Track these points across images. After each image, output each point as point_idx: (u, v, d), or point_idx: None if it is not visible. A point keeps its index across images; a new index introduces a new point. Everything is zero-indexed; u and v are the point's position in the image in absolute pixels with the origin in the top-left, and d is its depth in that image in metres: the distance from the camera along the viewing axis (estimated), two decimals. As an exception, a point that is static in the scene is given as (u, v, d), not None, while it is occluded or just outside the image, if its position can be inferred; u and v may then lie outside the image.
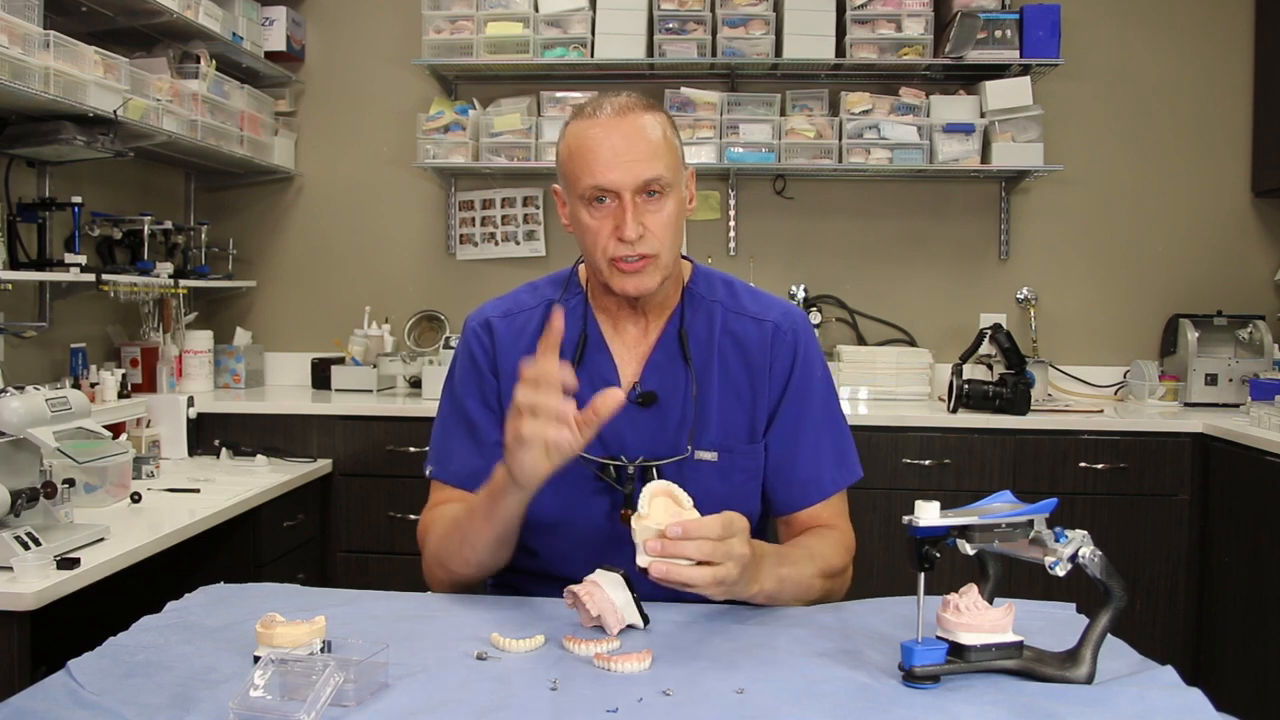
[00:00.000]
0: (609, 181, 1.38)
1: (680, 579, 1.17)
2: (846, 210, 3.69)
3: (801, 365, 1.52)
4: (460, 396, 1.56)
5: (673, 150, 1.43)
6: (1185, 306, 3.57)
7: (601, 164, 1.39)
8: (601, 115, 1.41)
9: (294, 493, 2.77)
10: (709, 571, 1.17)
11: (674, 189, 1.42)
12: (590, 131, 1.41)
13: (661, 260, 1.42)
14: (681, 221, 1.46)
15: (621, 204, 1.39)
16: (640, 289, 1.43)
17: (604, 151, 1.39)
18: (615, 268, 1.42)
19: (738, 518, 1.22)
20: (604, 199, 1.40)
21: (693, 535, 1.17)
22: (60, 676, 1.08)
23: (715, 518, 1.19)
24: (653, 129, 1.41)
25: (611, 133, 1.39)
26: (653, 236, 1.40)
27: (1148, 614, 2.99)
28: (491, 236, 3.74)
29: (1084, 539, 1.08)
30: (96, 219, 2.97)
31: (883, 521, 2.89)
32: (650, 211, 1.40)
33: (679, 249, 1.47)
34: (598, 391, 1.48)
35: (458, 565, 1.43)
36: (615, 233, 1.39)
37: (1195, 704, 1.03)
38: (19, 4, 2.28)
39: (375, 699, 1.02)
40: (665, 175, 1.40)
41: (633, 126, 1.40)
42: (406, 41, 3.62)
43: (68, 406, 1.87)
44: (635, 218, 1.38)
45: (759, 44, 3.40)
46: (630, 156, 1.38)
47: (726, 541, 1.19)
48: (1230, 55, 3.59)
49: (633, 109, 1.42)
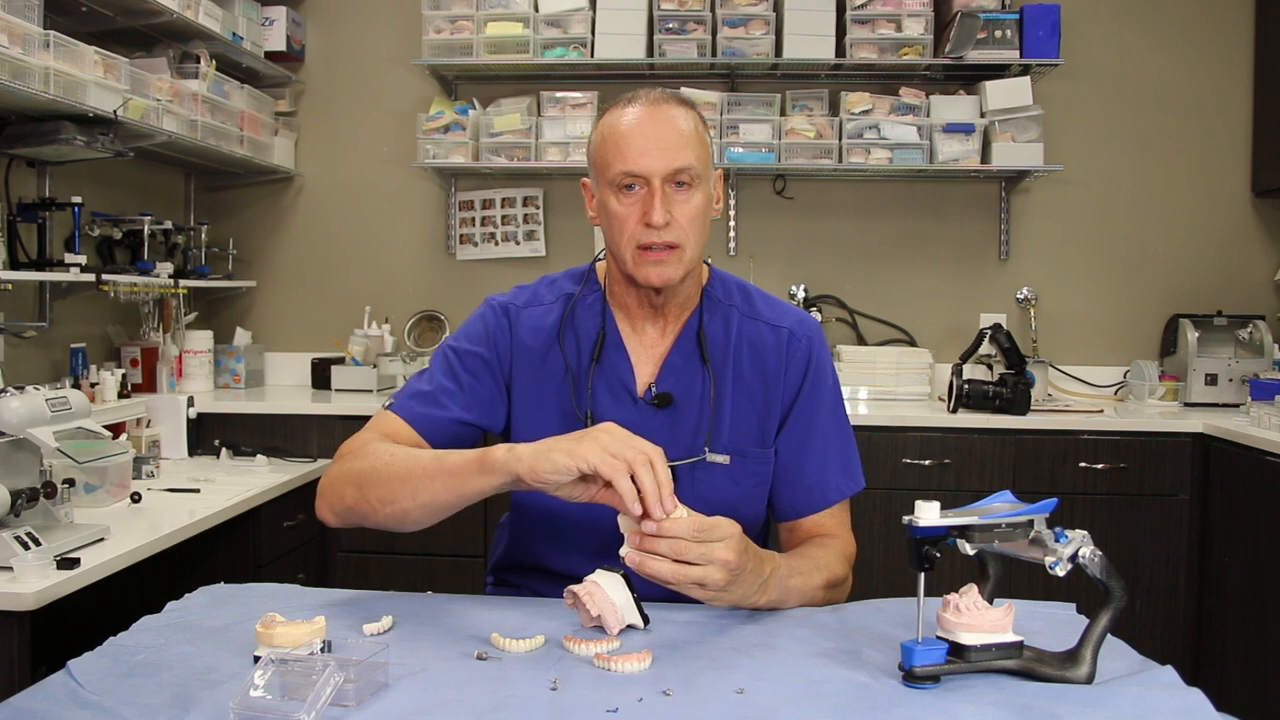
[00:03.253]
0: (640, 167, 1.40)
1: (651, 570, 1.16)
2: (846, 210, 3.69)
3: (814, 373, 1.53)
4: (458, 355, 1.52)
5: (704, 144, 1.45)
6: (1185, 306, 3.57)
7: (634, 150, 1.40)
8: (635, 106, 1.43)
9: (294, 493, 2.77)
10: (685, 570, 1.17)
11: (703, 182, 1.43)
12: (623, 120, 1.43)
13: (687, 253, 1.43)
14: (708, 218, 1.46)
15: (650, 190, 1.40)
16: (663, 279, 1.43)
17: (636, 139, 1.40)
18: (640, 256, 1.43)
19: (726, 523, 1.20)
20: (633, 185, 1.41)
21: (666, 533, 1.16)
22: (60, 676, 1.08)
23: (692, 519, 1.18)
24: (685, 121, 1.43)
25: (644, 121, 1.41)
26: (679, 226, 1.41)
27: (1148, 614, 2.99)
28: (491, 236, 3.74)
29: (1084, 539, 1.08)
30: (96, 219, 2.97)
31: (883, 522, 2.89)
32: (678, 201, 1.41)
33: (703, 245, 1.47)
34: (613, 390, 1.50)
35: (378, 500, 1.32)
36: (643, 218, 1.40)
37: (1195, 704, 1.03)
38: (19, 4, 2.28)
39: (375, 699, 1.02)
40: (695, 166, 1.41)
41: (665, 116, 1.42)
42: (406, 41, 3.63)
43: (68, 406, 1.87)
44: (664, 204, 1.39)
45: (759, 44, 3.40)
46: (661, 144, 1.40)
47: (705, 545, 1.17)
48: (1230, 55, 3.59)
49: (666, 101, 1.44)
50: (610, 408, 1.50)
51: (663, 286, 1.45)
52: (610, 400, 1.50)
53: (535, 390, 1.52)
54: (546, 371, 1.52)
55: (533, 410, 1.52)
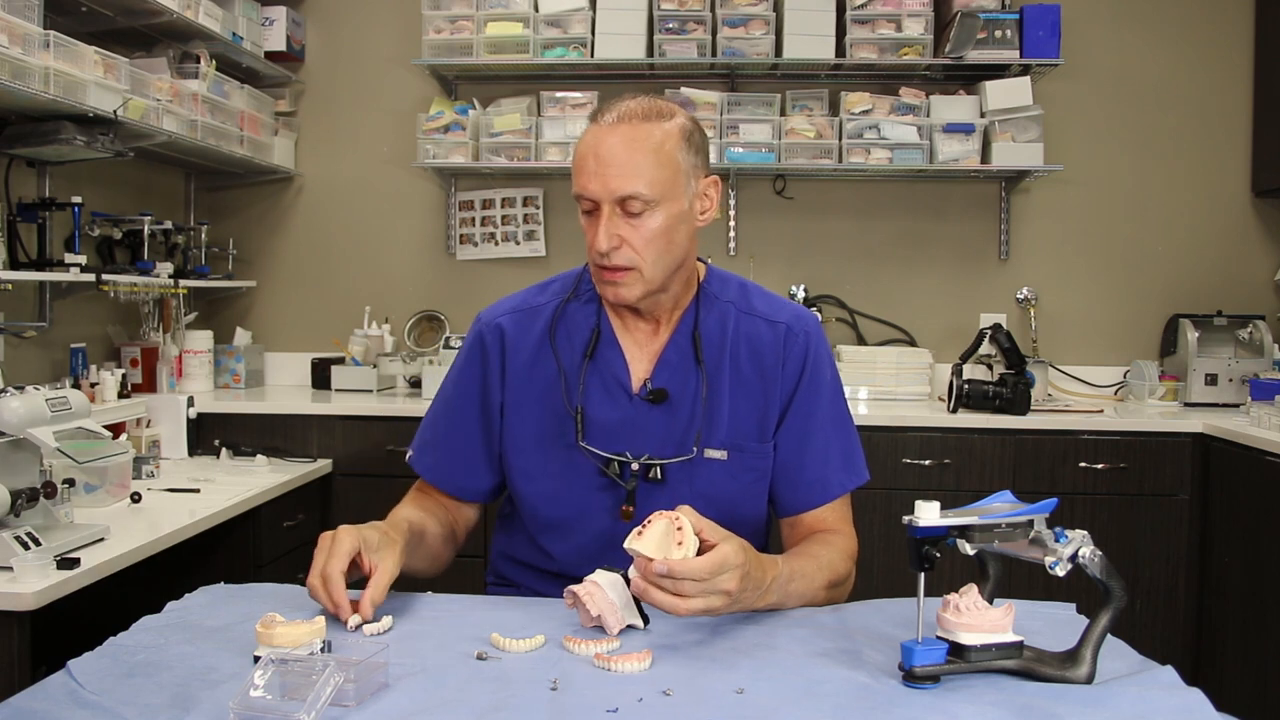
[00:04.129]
0: (588, 191, 1.39)
1: (653, 601, 1.16)
2: (846, 210, 3.69)
3: (812, 367, 1.52)
4: (457, 392, 1.57)
5: (668, 164, 1.39)
6: (1185, 306, 3.57)
7: (585, 173, 1.39)
8: (602, 121, 1.40)
9: (294, 493, 2.77)
10: (688, 603, 1.15)
11: (661, 204, 1.39)
12: (586, 137, 1.41)
13: (645, 274, 1.41)
14: (674, 235, 1.42)
15: (598, 215, 1.39)
16: (618, 299, 1.43)
17: (589, 160, 1.38)
18: (599, 274, 1.43)
19: (733, 555, 1.18)
20: (590, 209, 1.41)
21: (678, 576, 1.14)
22: (60, 676, 1.08)
23: (706, 560, 1.15)
24: (648, 140, 1.37)
25: (601, 142, 1.38)
26: (630, 249, 1.39)
27: (1148, 614, 2.99)
28: (491, 236, 3.74)
29: (1084, 539, 1.08)
30: (96, 219, 2.97)
31: (883, 522, 2.89)
32: (629, 225, 1.39)
33: (671, 263, 1.44)
34: (607, 386, 1.50)
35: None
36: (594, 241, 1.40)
37: (1195, 704, 1.03)
38: (19, 4, 2.28)
39: (375, 699, 1.02)
40: (645, 192, 1.36)
41: (624, 137, 1.37)
42: (406, 41, 3.62)
43: (68, 406, 1.87)
44: (608, 229, 1.38)
45: (759, 44, 3.40)
46: (609, 169, 1.36)
47: (712, 580, 1.16)
48: (1230, 55, 3.59)
49: (634, 117, 1.39)
50: (603, 404, 1.49)
51: (621, 305, 1.46)
52: (603, 396, 1.50)
53: (528, 390, 1.52)
54: (539, 370, 1.52)
55: (524, 408, 1.52)
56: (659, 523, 1.18)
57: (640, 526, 1.18)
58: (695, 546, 1.17)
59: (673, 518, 1.18)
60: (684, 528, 1.17)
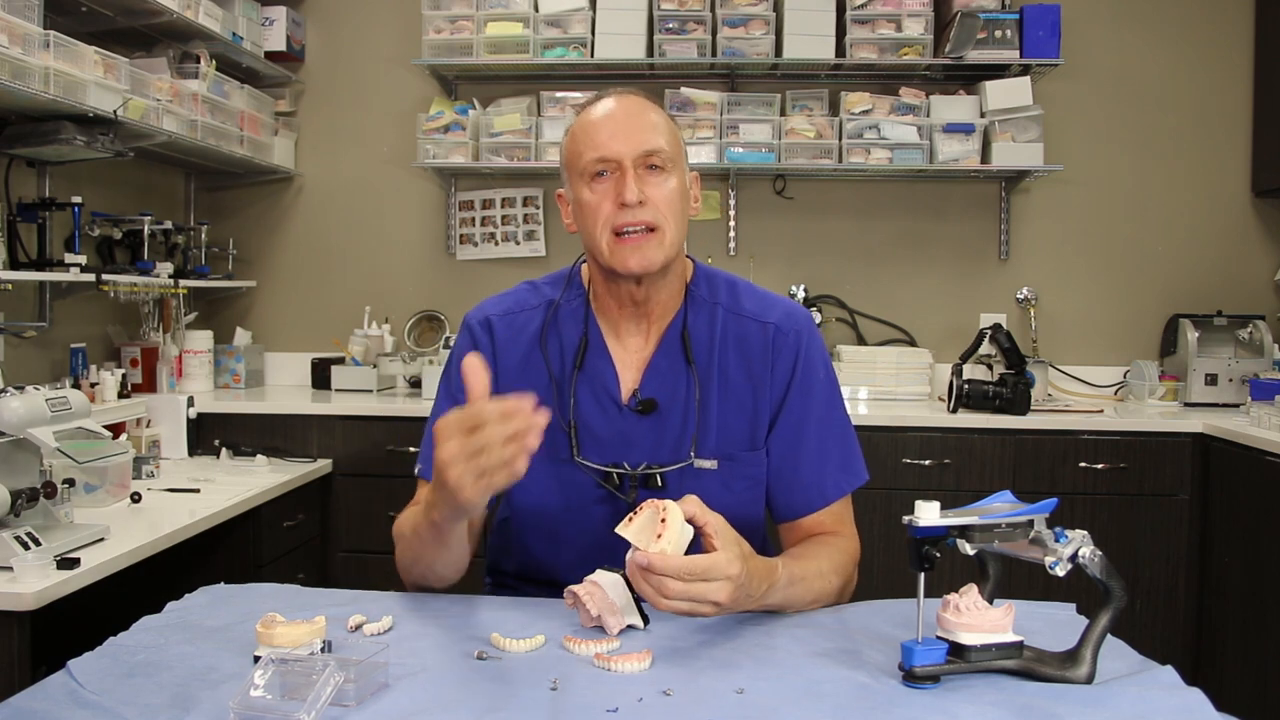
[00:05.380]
0: (610, 151, 1.39)
1: (639, 589, 1.15)
2: (846, 210, 3.69)
3: (803, 367, 1.47)
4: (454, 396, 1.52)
5: (675, 136, 1.45)
6: (1185, 306, 3.57)
7: (604, 135, 1.40)
8: (602, 101, 1.45)
9: (294, 493, 2.77)
10: (671, 604, 1.13)
11: (676, 167, 1.43)
12: (592, 114, 1.44)
13: (666, 236, 1.40)
14: (685, 206, 1.45)
15: (623, 172, 1.39)
16: (644, 263, 1.39)
17: (606, 125, 1.41)
18: (616, 243, 1.40)
19: (725, 565, 1.14)
20: (605, 171, 1.40)
21: (657, 571, 1.11)
22: (60, 676, 1.08)
23: (689, 560, 1.13)
24: (655, 112, 1.45)
25: (613, 110, 1.43)
26: (655, 207, 1.39)
27: (1148, 614, 2.99)
28: (491, 236, 3.74)
29: (1084, 539, 1.08)
30: (96, 219, 2.97)
31: (883, 522, 2.89)
32: (653, 183, 1.40)
33: (683, 233, 1.45)
34: (597, 398, 1.48)
35: (418, 577, 1.43)
36: (616, 200, 1.38)
37: (1195, 704, 1.03)
38: (19, 4, 2.28)
39: (375, 699, 1.02)
40: (666, 149, 1.41)
41: (634, 105, 1.44)
42: (406, 41, 3.62)
43: (68, 406, 1.87)
44: (636, 183, 1.38)
45: (759, 44, 3.40)
46: (631, 129, 1.40)
47: (696, 585, 1.12)
48: (1230, 55, 3.59)
49: (633, 94, 1.47)
50: (594, 416, 1.46)
51: (643, 273, 1.40)
52: (594, 408, 1.47)
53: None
54: (529, 379, 1.48)
55: None
56: (646, 511, 1.17)
57: (632, 513, 1.18)
58: (687, 537, 1.16)
59: (660, 507, 1.16)
60: (667, 518, 1.14)
